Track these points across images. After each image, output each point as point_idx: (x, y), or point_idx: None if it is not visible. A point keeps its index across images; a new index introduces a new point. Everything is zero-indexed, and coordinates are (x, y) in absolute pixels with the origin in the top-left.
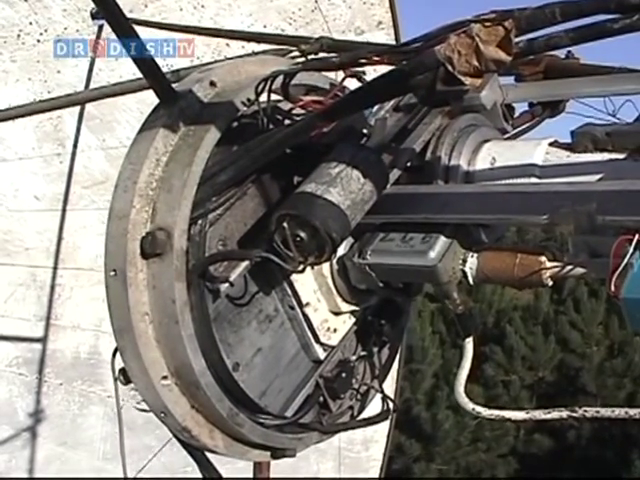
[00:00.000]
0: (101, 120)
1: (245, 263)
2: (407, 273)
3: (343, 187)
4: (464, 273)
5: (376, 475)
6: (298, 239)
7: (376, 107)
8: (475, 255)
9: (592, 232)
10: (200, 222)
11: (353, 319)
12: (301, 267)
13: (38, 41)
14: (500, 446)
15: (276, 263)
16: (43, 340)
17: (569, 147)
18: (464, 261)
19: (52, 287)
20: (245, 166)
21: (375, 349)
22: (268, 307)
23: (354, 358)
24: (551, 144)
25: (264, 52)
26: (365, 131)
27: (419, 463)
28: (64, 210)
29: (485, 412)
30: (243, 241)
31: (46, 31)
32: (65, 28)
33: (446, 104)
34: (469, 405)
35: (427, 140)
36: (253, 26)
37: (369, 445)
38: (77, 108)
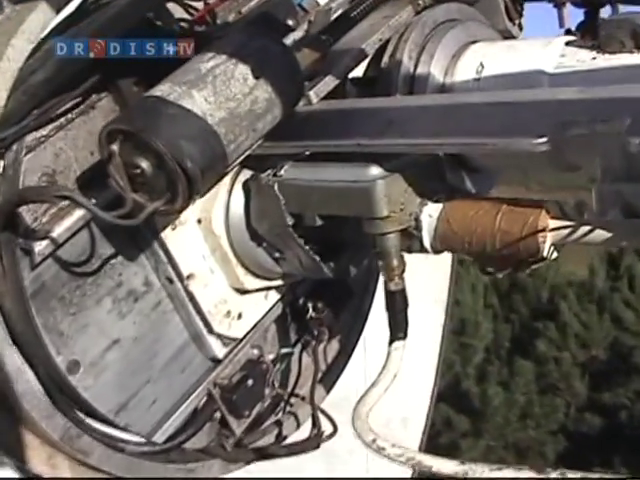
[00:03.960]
0: None
1: (80, 212)
2: (330, 196)
3: (215, 90)
4: (417, 220)
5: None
6: (137, 171)
7: None
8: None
9: (624, 171)
10: (15, 147)
11: (272, 300)
12: (142, 217)
13: None
14: (549, 423)
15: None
16: None
17: (595, 46)
18: (422, 205)
19: None
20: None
21: (311, 345)
22: (132, 279)
23: (272, 357)
24: (569, 43)
25: None
26: (291, 23)
27: (467, 439)
28: None
29: (391, 449)
30: (85, 178)
31: None
32: None
33: None
34: (369, 436)
35: (386, 39)
36: None
37: (407, 423)
38: None
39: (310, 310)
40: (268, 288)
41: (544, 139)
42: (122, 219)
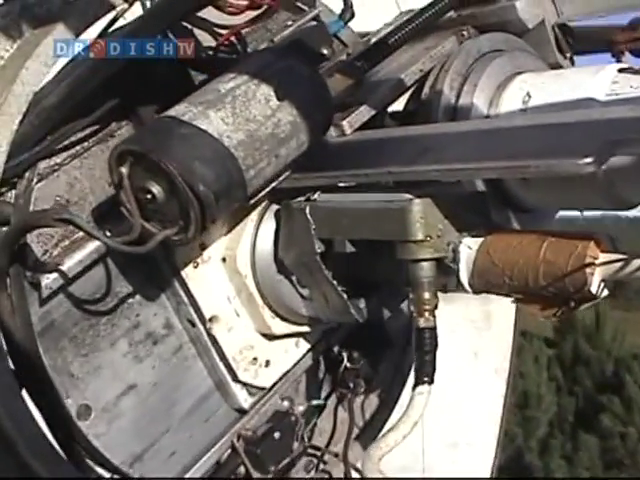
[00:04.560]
0: None
1: (93, 245)
2: (363, 218)
3: (234, 111)
4: (455, 251)
5: None
6: (148, 196)
7: None
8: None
9: None
10: (27, 174)
11: (303, 348)
12: (151, 245)
13: None
14: None
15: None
16: None
17: None
18: (461, 236)
19: None
20: (81, 79)
21: (346, 398)
22: (151, 320)
23: (302, 409)
24: (622, 70)
25: None
26: (325, 52)
27: None
28: None
29: None
30: (102, 209)
31: None
32: None
33: None
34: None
35: (427, 70)
36: None
37: None
38: None
39: (345, 360)
40: (298, 334)
41: (590, 159)
42: (129, 246)
